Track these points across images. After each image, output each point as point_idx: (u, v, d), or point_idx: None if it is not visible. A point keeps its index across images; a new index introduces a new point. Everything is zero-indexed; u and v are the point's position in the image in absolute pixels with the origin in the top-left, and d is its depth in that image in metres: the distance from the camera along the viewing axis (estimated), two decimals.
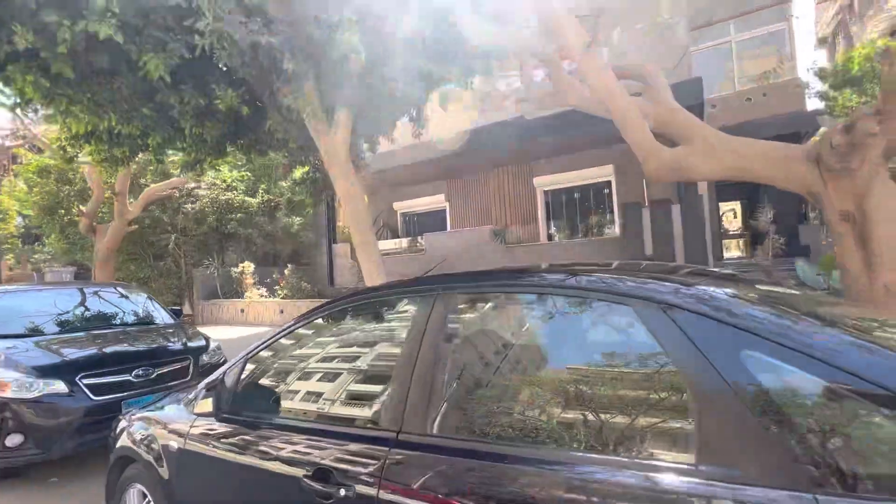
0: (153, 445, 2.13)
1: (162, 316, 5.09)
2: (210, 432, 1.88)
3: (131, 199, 13.17)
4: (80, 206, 13.84)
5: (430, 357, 1.44)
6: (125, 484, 2.27)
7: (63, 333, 4.19)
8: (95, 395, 3.52)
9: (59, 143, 6.37)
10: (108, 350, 3.94)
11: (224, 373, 2.01)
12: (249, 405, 1.86)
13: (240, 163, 15.16)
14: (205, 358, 4.37)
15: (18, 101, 4.51)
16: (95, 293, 5.03)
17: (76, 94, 4.32)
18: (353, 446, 1.48)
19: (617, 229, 10.92)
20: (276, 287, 13.19)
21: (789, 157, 3.05)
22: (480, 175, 13.02)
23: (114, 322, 4.69)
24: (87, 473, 3.61)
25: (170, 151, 7.52)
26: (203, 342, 4.54)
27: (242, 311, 13.01)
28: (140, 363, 3.84)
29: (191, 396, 2.20)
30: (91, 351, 3.87)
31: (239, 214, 14.87)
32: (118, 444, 2.36)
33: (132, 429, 2.32)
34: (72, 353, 3.76)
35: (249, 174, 16.01)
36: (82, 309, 4.70)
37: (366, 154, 7.53)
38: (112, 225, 12.58)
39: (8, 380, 3.33)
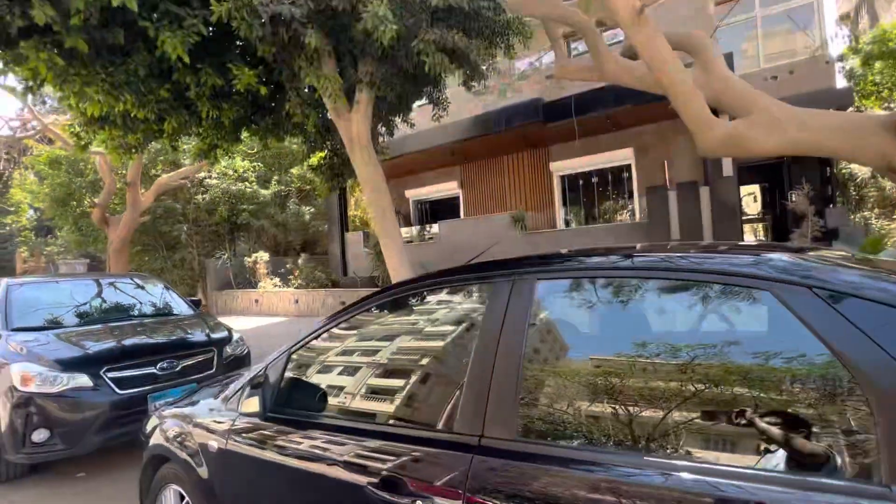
0: (189, 444, 2.00)
1: (181, 306, 4.97)
2: (256, 432, 1.73)
3: (143, 190, 13.10)
4: (93, 198, 13.82)
5: (512, 351, 1.26)
6: (160, 484, 2.15)
7: (83, 326, 4.08)
8: (120, 388, 3.41)
9: (72, 129, 6.21)
10: (131, 342, 3.83)
11: (267, 367, 1.85)
12: (299, 403, 1.70)
13: (251, 151, 15.04)
14: (228, 349, 4.25)
15: (31, 84, 4.33)
16: (113, 284, 4.91)
17: (90, 75, 4.13)
18: (426, 452, 1.31)
19: (638, 214, 10.62)
20: (290, 277, 13.12)
21: (863, 127, 2.79)
22: (495, 160, 12.73)
23: (133, 313, 4.58)
24: (114, 468, 3.52)
25: (184, 138, 7.36)
26: (226, 333, 4.41)
27: (257, 301, 12.96)
28: (164, 355, 3.72)
29: (228, 392, 2.05)
30: (114, 343, 3.75)
31: (251, 206, 14.77)
32: (151, 443, 2.24)
33: (165, 426, 2.20)
34: (94, 346, 3.64)
35: (261, 164, 15.88)
36: (100, 300, 4.59)
37: (384, 137, 7.32)
38: (124, 216, 12.53)
39: (32, 374, 3.21)
